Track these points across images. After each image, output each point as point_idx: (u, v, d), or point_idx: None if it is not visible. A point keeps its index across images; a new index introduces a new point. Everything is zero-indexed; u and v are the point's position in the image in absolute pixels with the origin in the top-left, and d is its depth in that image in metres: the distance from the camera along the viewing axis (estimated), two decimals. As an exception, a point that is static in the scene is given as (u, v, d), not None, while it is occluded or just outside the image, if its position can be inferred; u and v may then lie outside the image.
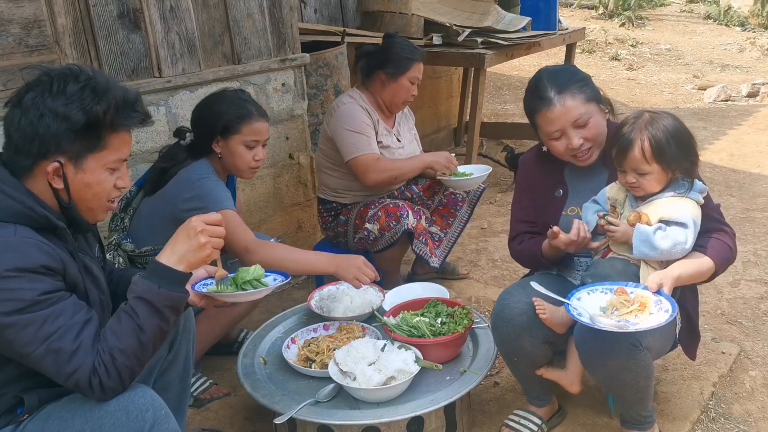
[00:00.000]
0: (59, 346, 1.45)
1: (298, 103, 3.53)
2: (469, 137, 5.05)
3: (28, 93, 1.53)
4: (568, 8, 12.39)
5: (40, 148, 1.52)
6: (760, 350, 2.82)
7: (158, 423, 1.53)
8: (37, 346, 1.44)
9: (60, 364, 1.46)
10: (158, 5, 2.84)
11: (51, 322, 1.45)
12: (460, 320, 2.35)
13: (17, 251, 1.44)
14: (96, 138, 1.56)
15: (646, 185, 1.99)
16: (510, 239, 2.40)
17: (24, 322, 1.43)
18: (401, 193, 3.34)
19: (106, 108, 1.54)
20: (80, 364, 1.47)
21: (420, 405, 2.06)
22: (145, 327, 1.53)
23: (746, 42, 10.82)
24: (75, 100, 1.52)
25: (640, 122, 1.98)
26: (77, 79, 1.54)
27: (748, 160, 5.49)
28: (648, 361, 1.98)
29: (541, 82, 2.13)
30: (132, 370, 1.53)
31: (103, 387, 1.49)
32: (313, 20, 4.57)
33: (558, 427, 2.36)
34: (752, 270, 3.54)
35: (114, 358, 1.49)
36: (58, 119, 1.51)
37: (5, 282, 1.41)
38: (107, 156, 1.59)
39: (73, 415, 1.52)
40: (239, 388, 2.38)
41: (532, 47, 5.30)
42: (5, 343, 1.45)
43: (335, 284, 2.73)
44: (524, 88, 2.25)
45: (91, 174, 1.58)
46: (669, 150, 1.94)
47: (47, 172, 1.54)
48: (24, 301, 1.43)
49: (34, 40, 2.49)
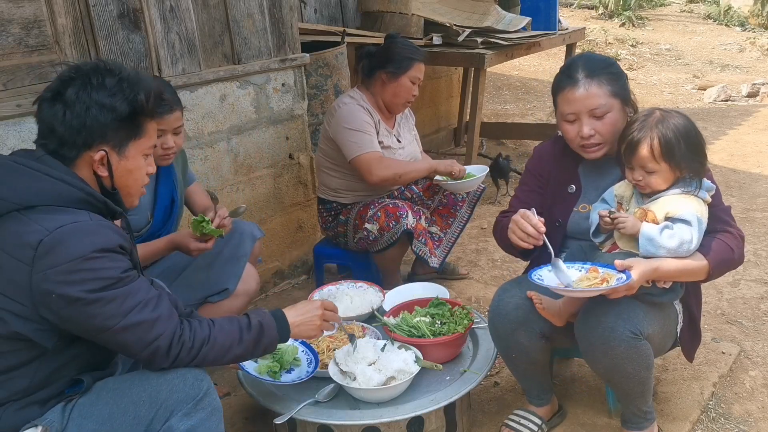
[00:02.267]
0: (140, 318, 1.57)
1: (298, 103, 3.53)
2: (469, 137, 5.05)
3: (68, 89, 1.60)
4: (568, 8, 12.39)
5: (86, 139, 1.61)
6: (760, 350, 2.82)
7: (210, 392, 1.66)
8: (120, 319, 1.55)
9: (141, 334, 1.58)
10: (158, 5, 2.84)
11: (132, 296, 1.57)
12: (460, 320, 2.36)
13: (97, 234, 1.55)
14: (136, 126, 1.67)
15: (653, 183, 1.98)
16: (501, 213, 2.36)
17: (109, 297, 1.53)
18: (401, 193, 3.34)
19: (147, 97, 1.66)
20: (162, 332, 1.60)
21: (420, 405, 2.06)
22: (243, 343, 1.73)
23: (746, 42, 10.82)
24: (117, 91, 1.62)
25: (650, 120, 1.96)
26: (112, 73, 1.64)
27: (748, 160, 5.50)
28: (648, 352, 1.98)
29: (575, 64, 2.12)
30: (202, 361, 1.67)
31: (178, 357, 1.63)
32: (313, 20, 4.57)
33: (558, 427, 2.36)
34: (752, 270, 3.54)
35: (206, 343, 1.66)
36: (105, 110, 1.60)
37: (91, 262, 1.51)
38: (145, 143, 1.71)
39: (130, 386, 1.63)
40: (239, 388, 2.38)
41: (532, 47, 5.30)
42: (87, 319, 1.54)
43: (335, 284, 2.73)
44: (524, 88, 2.24)
45: (132, 160, 1.69)
46: (678, 149, 1.93)
47: (94, 160, 1.63)
48: (110, 278, 1.54)
49: (34, 40, 2.49)
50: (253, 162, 3.35)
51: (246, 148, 3.31)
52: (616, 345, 1.92)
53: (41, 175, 1.57)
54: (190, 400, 1.62)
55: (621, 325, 1.91)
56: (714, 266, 1.97)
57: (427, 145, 5.17)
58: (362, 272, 3.25)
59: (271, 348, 1.83)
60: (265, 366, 2.12)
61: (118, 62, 1.70)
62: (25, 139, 2.48)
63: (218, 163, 3.20)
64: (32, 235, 1.50)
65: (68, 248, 1.50)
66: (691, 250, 1.95)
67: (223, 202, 3.21)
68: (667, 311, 2.10)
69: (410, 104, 3.24)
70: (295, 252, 3.69)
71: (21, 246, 1.51)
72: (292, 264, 3.68)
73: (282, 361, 2.15)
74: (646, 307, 1.98)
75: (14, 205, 1.54)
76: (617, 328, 1.91)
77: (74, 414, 1.61)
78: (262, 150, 3.39)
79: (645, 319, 1.96)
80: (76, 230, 1.52)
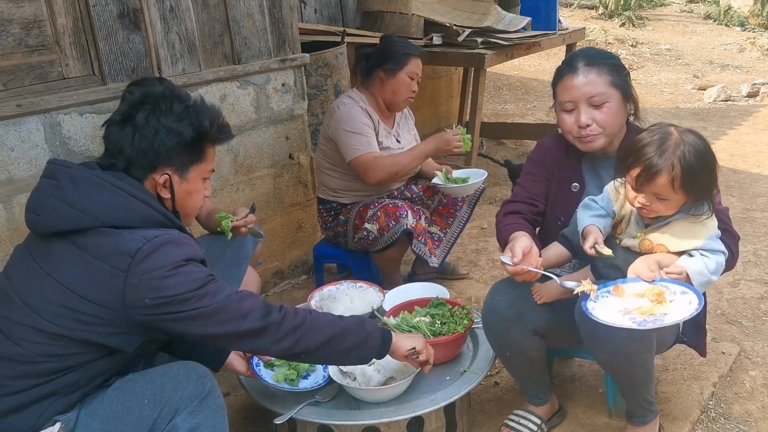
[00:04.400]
0: (229, 302, 1.66)
1: (298, 103, 3.53)
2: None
3: (139, 113, 1.71)
4: (568, 8, 12.39)
5: (153, 161, 1.72)
6: (760, 350, 2.82)
7: (214, 389, 1.68)
8: (216, 306, 1.64)
9: (234, 309, 1.66)
10: (158, 5, 2.84)
11: (220, 292, 1.66)
12: (460, 320, 2.36)
13: (188, 245, 1.68)
14: (199, 151, 1.79)
15: (661, 210, 1.86)
16: (505, 202, 2.30)
17: (203, 293, 1.63)
18: (401, 193, 3.35)
19: (211, 123, 1.78)
20: (253, 304, 1.69)
21: (420, 405, 2.06)
22: (334, 342, 1.77)
23: (746, 42, 10.83)
24: (184, 117, 1.74)
25: (669, 144, 1.79)
26: (180, 99, 1.76)
27: (748, 160, 5.50)
28: (650, 335, 1.94)
29: (576, 54, 2.12)
30: (293, 343, 1.72)
31: (277, 332, 1.69)
32: (313, 20, 4.57)
33: (558, 427, 2.36)
34: (752, 270, 3.54)
35: (301, 326, 1.72)
36: (172, 134, 1.72)
37: (183, 268, 1.62)
38: (205, 167, 1.83)
39: (134, 385, 1.65)
40: (238, 388, 2.38)
41: (532, 47, 5.30)
42: (182, 318, 1.61)
43: (335, 284, 2.73)
44: (524, 88, 2.25)
45: (193, 183, 1.81)
46: (701, 178, 1.80)
47: (158, 183, 1.74)
48: (200, 280, 1.64)
49: (34, 40, 2.49)
50: (253, 162, 3.35)
51: (246, 148, 3.31)
52: (618, 327, 1.90)
53: (128, 196, 1.65)
54: (194, 398, 1.63)
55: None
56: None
57: (427, 145, 5.16)
58: (362, 272, 3.25)
59: (364, 360, 1.88)
60: (282, 374, 2.13)
61: (185, 90, 1.83)
62: (25, 139, 2.49)
63: (218, 163, 3.20)
64: (130, 243, 1.59)
65: (163, 256, 1.60)
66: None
67: (223, 202, 3.21)
68: None
69: (411, 100, 3.23)
70: (295, 252, 3.69)
71: (118, 254, 1.58)
72: (292, 264, 3.68)
73: (299, 369, 2.17)
74: None
75: (103, 223, 1.61)
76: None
77: (82, 413, 1.63)
78: (262, 150, 3.39)
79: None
80: (170, 240, 1.63)
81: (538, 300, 2.09)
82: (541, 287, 2.08)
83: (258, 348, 1.75)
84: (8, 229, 2.46)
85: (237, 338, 1.68)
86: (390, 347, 1.91)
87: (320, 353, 1.78)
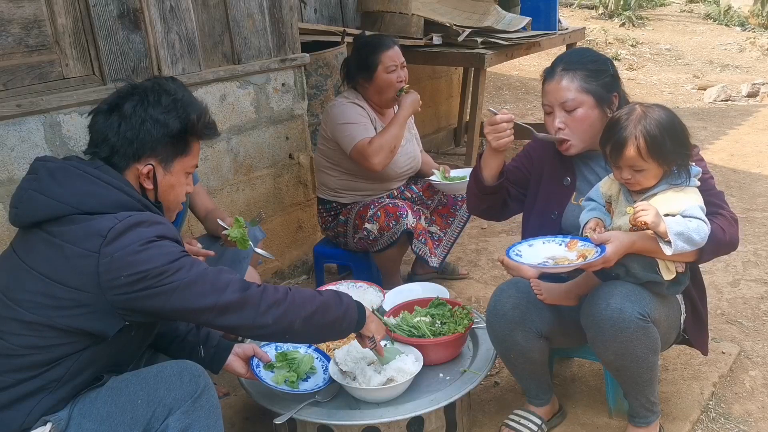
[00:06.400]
0: (206, 275, 1.66)
1: (298, 103, 3.53)
2: (469, 137, 5.05)
3: (126, 103, 1.71)
4: (568, 8, 12.39)
5: (137, 150, 1.71)
6: (760, 350, 2.82)
7: (208, 389, 1.68)
8: (192, 277, 1.64)
9: (211, 281, 1.66)
10: (158, 5, 2.84)
11: (196, 266, 1.67)
12: (460, 320, 2.36)
13: (160, 224, 1.68)
14: (184, 144, 1.79)
15: (642, 181, 1.96)
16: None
17: (177, 266, 1.63)
18: (401, 193, 3.35)
19: (198, 117, 1.78)
20: (231, 277, 1.69)
21: (420, 405, 2.06)
22: (317, 316, 1.78)
23: (746, 42, 10.82)
24: (171, 109, 1.74)
25: (633, 118, 1.91)
26: (168, 92, 1.76)
27: (748, 160, 5.49)
28: (656, 335, 1.98)
29: (560, 57, 2.16)
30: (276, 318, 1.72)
31: (255, 300, 1.69)
32: (313, 20, 4.57)
33: (558, 427, 2.36)
34: (752, 270, 3.54)
35: (283, 301, 1.73)
36: (158, 125, 1.72)
37: (155, 243, 1.62)
38: (189, 161, 1.82)
39: (127, 385, 1.65)
40: (238, 388, 2.38)
41: (532, 47, 5.30)
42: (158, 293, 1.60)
43: (335, 284, 2.73)
44: (524, 88, 2.26)
45: (176, 176, 1.80)
46: (664, 145, 1.90)
47: (141, 173, 1.73)
48: (174, 254, 1.64)
49: (34, 40, 2.49)
50: (253, 162, 3.35)
51: (246, 148, 3.31)
52: (625, 327, 1.92)
53: (102, 183, 1.65)
54: (188, 397, 1.63)
55: (629, 306, 1.91)
56: (704, 247, 1.93)
57: (427, 144, 5.17)
58: (362, 272, 3.25)
59: (342, 332, 1.89)
60: (282, 376, 2.13)
61: (176, 82, 1.82)
62: (25, 139, 2.49)
63: (218, 163, 3.20)
64: (102, 223, 1.59)
65: (135, 234, 1.60)
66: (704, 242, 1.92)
67: (223, 202, 3.21)
68: (670, 302, 2.10)
69: (402, 85, 3.14)
70: (295, 252, 3.69)
71: (90, 236, 1.58)
72: (292, 264, 3.69)
73: (299, 371, 2.16)
74: (651, 293, 1.99)
75: (76, 210, 1.61)
76: (626, 309, 1.91)
77: (75, 413, 1.63)
78: (262, 150, 3.39)
79: (651, 304, 1.96)
80: (142, 219, 1.63)
81: (538, 295, 2.08)
82: (543, 284, 2.08)
83: (241, 324, 1.70)
84: (8, 229, 2.46)
85: (218, 313, 1.66)
86: (366, 319, 1.94)
87: (305, 329, 1.77)
